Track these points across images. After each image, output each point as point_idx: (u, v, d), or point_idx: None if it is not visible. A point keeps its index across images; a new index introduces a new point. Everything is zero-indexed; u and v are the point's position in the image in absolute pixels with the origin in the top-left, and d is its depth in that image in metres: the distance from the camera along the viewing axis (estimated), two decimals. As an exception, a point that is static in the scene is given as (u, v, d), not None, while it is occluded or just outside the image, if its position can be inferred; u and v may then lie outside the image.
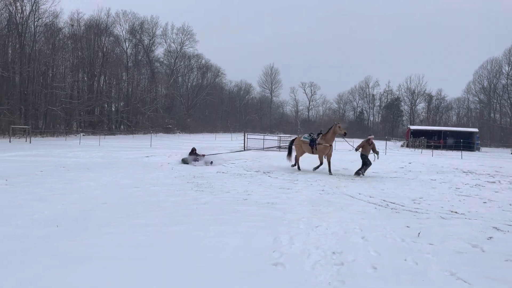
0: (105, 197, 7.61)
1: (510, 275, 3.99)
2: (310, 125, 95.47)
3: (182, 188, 9.15)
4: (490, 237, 5.52)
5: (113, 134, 50.75)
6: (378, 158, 13.88)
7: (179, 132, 67.18)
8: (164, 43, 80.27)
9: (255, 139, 31.05)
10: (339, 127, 14.16)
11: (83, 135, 41.40)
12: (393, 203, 7.95)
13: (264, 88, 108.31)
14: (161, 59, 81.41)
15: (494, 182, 12.55)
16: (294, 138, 16.43)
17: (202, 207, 6.95)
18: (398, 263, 4.27)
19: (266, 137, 32.73)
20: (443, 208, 7.60)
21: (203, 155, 15.84)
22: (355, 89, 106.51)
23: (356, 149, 13.91)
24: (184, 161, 15.24)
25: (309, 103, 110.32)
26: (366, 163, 13.31)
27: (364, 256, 4.43)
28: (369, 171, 13.45)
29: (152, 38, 75.12)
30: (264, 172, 13.02)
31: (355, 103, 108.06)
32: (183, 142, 35.70)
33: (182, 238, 4.93)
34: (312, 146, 14.34)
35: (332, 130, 14.13)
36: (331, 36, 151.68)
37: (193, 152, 15.92)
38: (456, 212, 7.25)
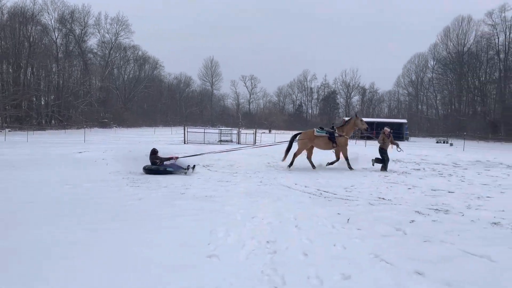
0: (31, 197, 7.17)
1: (427, 254, 4.35)
2: (251, 117, 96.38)
3: (117, 184, 8.88)
4: (412, 221, 5.94)
5: (43, 129, 47.71)
6: (401, 150, 13.53)
7: (116, 127, 64.76)
8: (98, 33, 76.91)
9: (196, 132, 30.80)
10: (361, 120, 13.61)
11: (9, 130, 38.55)
12: (327, 192, 8.29)
13: (204, 81, 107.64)
14: (95, 50, 77.95)
15: (419, 169, 13.51)
16: (298, 132, 14.32)
17: (138, 203, 6.80)
18: (328, 248, 4.48)
19: (207, 130, 32.59)
20: (372, 195, 8.07)
21: (175, 158, 11.54)
22: (294, 82, 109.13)
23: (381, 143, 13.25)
24: (149, 170, 10.90)
25: (250, 96, 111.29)
26: (384, 159, 12.93)
27: (297, 244, 4.60)
28: (302, 163, 13.83)
29: (84, 28, 71.57)
30: (203, 166, 12.97)
31: (294, 96, 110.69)
32: (120, 137, 34.51)
33: (115, 235, 4.81)
34: (332, 140, 13.20)
35: (352, 123, 13.55)
36: (270, 30, 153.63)
37: (154, 154, 11.42)
38: (383, 199, 7.72)
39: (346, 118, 13.99)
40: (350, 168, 12.82)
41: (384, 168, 12.88)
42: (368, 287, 3.47)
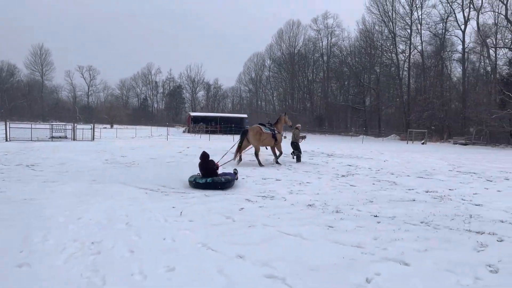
0: None
1: (249, 238, 4.71)
2: (90, 112, 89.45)
3: None
4: (242, 208, 6.36)
5: None
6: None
7: None
8: None
9: (21, 128, 27.02)
10: (286, 118, 14.68)
11: None
12: (164, 187, 8.25)
13: (33, 70, 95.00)
14: None
15: (254, 160, 14.49)
16: (246, 129, 13.61)
17: None
18: (156, 243, 4.46)
19: (36, 126, 28.96)
20: (208, 187, 8.33)
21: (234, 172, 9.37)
22: (138, 75, 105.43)
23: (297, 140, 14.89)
24: (197, 184, 8.14)
25: (89, 89, 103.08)
26: (298, 148, 14.64)
27: (124, 242, 4.45)
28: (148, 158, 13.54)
29: None
30: (27, 165, 11.49)
31: (138, 89, 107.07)
32: None
33: None
34: (274, 138, 13.55)
35: (282, 120, 14.40)
36: (109, 18, 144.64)
37: (206, 158, 8.68)
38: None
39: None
40: (278, 163, 13.38)
41: (299, 159, 14.41)
42: (190, 275, 3.57)
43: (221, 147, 20.76)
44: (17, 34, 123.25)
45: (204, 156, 8.64)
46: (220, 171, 8.95)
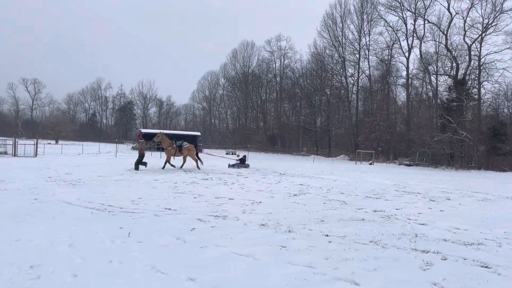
0: None
1: (201, 259, 4.59)
2: (34, 126, 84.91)
3: None
4: (193, 228, 6.22)
5: None
6: None
7: None
8: None
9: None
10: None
11: None
12: (111, 206, 7.90)
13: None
14: None
15: (207, 179, 14.35)
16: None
17: None
18: (102, 266, 4.23)
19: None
20: (159, 206, 8.10)
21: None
22: (87, 90, 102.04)
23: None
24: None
25: (33, 102, 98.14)
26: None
27: (67, 265, 4.18)
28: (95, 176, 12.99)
29: None
30: (-41, 183, 10.61)
31: (87, 104, 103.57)
32: None
33: None
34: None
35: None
36: (58, 31, 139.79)
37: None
38: (169, 209, 7.85)
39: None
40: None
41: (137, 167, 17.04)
42: (138, 300, 3.41)
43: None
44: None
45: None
46: None
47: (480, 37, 42.92)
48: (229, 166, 21.33)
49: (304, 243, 5.45)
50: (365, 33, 55.74)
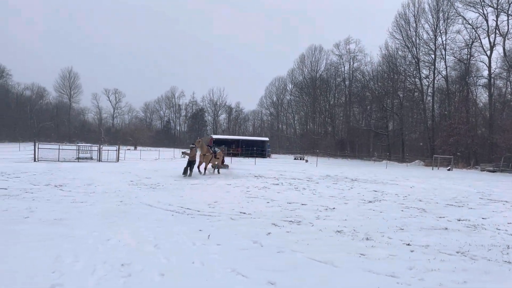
0: None
1: (278, 264, 4.61)
2: (115, 133, 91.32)
3: None
4: (269, 233, 6.27)
5: None
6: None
7: None
8: None
9: (49, 149, 27.72)
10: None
11: None
12: (190, 209, 8.23)
13: (61, 93, 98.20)
14: None
15: (278, 184, 14.42)
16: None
17: (-34, 231, 5.75)
18: (186, 266, 4.41)
19: (63, 147, 29.63)
20: (234, 210, 8.29)
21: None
22: (162, 98, 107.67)
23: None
24: None
25: (114, 111, 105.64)
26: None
27: (154, 264, 4.42)
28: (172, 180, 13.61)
29: None
30: (55, 186, 11.71)
31: (161, 112, 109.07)
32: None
33: None
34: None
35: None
36: (137, 44, 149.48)
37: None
38: (244, 213, 7.99)
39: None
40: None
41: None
42: (223, 302, 3.50)
43: (244, 171, 20.76)
44: (48, 57, 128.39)
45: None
46: None
47: None
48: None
49: (385, 252, 5.25)
50: (441, 32, 52.66)
